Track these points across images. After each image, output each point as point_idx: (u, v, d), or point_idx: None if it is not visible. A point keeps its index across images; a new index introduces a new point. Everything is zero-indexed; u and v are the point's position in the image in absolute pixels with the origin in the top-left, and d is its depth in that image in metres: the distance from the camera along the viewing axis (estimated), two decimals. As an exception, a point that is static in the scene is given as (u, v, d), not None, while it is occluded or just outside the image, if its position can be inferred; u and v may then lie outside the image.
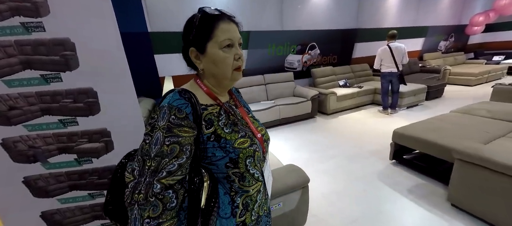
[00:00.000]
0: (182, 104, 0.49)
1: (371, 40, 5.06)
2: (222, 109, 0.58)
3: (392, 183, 2.03)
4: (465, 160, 1.55)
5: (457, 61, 6.53)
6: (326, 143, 2.92)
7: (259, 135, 0.62)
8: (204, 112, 0.54)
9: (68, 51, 0.72)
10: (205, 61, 0.56)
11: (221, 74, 0.56)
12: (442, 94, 4.65)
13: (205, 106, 0.55)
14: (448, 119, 2.37)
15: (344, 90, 4.11)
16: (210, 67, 0.56)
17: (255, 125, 0.65)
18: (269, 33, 3.74)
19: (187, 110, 0.49)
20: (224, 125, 0.55)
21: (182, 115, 0.49)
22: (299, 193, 1.36)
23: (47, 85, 0.74)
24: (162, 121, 0.48)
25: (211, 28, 0.52)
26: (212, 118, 0.54)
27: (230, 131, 0.55)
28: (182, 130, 0.48)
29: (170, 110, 0.48)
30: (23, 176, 0.80)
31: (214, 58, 0.54)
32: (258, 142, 0.60)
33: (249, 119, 0.64)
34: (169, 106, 0.49)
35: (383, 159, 2.41)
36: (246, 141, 0.56)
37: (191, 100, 0.51)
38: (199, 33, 0.53)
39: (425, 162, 2.19)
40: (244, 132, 0.57)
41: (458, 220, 1.56)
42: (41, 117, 0.76)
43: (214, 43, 0.53)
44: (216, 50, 0.53)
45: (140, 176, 0.46)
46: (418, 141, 2.04)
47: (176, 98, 0.50)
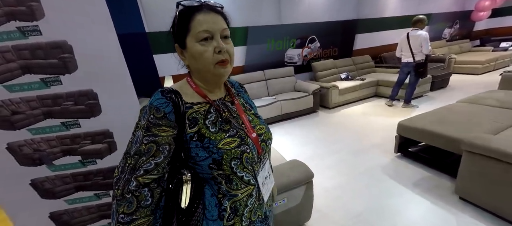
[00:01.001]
0: (161, 104, 0.49)
1: (373, 31, 4.96)
2: (212, 107, 0.55)
3: (397, 176, 2.01)
4: (473, 151, 1.51)
5: (463, 49, 6.37)
6: (329, 137, 2.91)
7: (254, 134, 0.58)
8: (188, 111, 0.52)
9: (66, 54, 0.71)
10: (188, 57, 0.54)
11: (202, 70, 0.53)
12: (447, 84, 4.56)
13: (191, 104, 0.53)
14: (455, 109, 2.32)
15: (346, 83, 4.06)
16: (192, 62, 0.54)
17: (254, 123, 0.61)
18: (267, 28, 3.70)
19: (166, 109, 0.48)
20: (212, 123, 0.53)
21: (160, 114, 0.48)
22: (303, 188, 1.36)
23: (48, 89, 0.74)
24: (142, 120, 0.49)
25: (188, 21, 0.50)
26: (198, 116, 0.52)
27: (216, 130, 0.53)
28: (161, 129, 0.48)
29: (150, 110, 0.48)
30: (30, 179, 0.82)
31: (193, 52, 0.51)
32: (252, 142, 0.56)
33: (245, 116, 0.60)
34: (150, 106, 0.49)
35: (387, 152, 2.39)
36: (234, 141, 0.53)
37: (172, 99, 0.50)
38: (179, 28, 0.52)
39: (431, 154, 2.16)
40: (235, 131, 0.54)
41: (466, 213, 1.54)
42: (44, 121, 0.77)
43: (191, 37, 0.51)
44: (193, 44, 0.51)
45: (121, 173, 0.47)
46: (424, 133, 2.00)
47: (157, 98, 0.50)
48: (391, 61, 5.11)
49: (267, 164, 0.64)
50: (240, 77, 3.67)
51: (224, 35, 0.53)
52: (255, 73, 3.79)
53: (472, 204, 1.59)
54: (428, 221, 1.52)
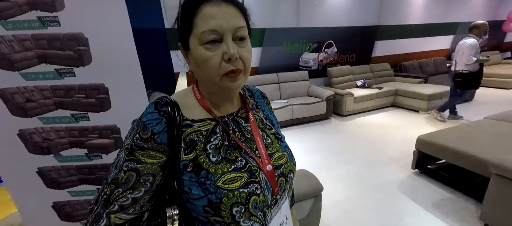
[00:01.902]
0: (151, 120, 0.38)
1: (394, 38, 4.75)
2: (219, 126, 0.43)
3: (414, 194, 1.87)
4: (504, 175, 1.36)
5: (491, 61, 5.93)
6: (341, 146, 2.79)
7: (269, 167, 0.43)
8: (186, 130, 0.40)
9: (82, 46, 0.71)
10: (192, 61, 0.42)
11: (206, 81, 0.42)
12: (473, 98, 4.25)
13: (190, 122, 0.41)
14: (482, 126, 2.13)
15: (362, 91, 3.91)
16: (195, 69, 0.42)
17: (273, 148, 0.47)
18: (284, 30, 3.64)
19: (155, 128, 0.37)
20: (214, 149, 0.41)
21: (147, 134, 0.37)
22: (311, 201, 1.29)
23: (61, 80, 0.74)
24: (128, 138, 0.38)
25: (192, 15, 0.38)
26: (197, 138, 0.40)
27: (219, 159, 0.40)
28: (145, 154, 0.37)
29: (137, 127, 0.38)
30: (37, 167, 0.82)
31: (195, 57, 0.39)
32: (265, 178, 0.42)
33: (261, 139, 0.46)
34: (138, 122, 0.39)
35: (404, 167, 2.24)
36: (241, 177, 0.39)
37: (167, 114, 0.38)
38: (182, 24, 0.41)
39: (453, 173, 2.00)
40: (244, 161, 0.41)
41: (492, 241, 1.40)
42: (55, 111, 0.77)
43: (194, 37, 0.38)
44: (196, 47, 0.38)
45: (95, 202, 0.37)
46: (447, 150, 1.85)
47: (148, 112, 0.39)
48: (411, 70, 4.86)
49: (285, 205, 0.48)
50: (253, 78, 3.64)
51: (239, 36, 0.39)
52: (268, 75, 3.75)
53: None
54: None
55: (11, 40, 0.68)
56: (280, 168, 0.45)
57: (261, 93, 0.59)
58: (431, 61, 5.18)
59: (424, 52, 5.26)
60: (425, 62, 5.08)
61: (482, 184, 1.60)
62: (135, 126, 0.39)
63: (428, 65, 5.08)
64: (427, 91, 3.66)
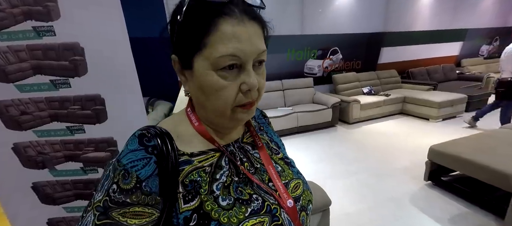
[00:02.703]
0: (135, 161, 0.28)
1: (400, 45, 4.67)
2: (225, 158, 0.35)
3: (428, 208, 1.76)
4: (528, 189, 1.26)
5: (504, 68, 5.75)
6: (349, 155, 2.69)
7: (290, 202, 0.35)
8: (184, 168, 0.31)
9: (78, 56, 0.68)
10: (192, 82, 0.33)
11: (212, 110, 0.33)
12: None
13: (189, 157, 0.32)
14: (500, 136, 2.02)
15: (369, 98, 3.81)
16: (197, 95, 0.33)
17: (286, 177, 0.39)
18: (288, 37, 3.63)
19: (142, 173, 0.28)
20: (223, 188, 0.32)
21: (129, 183, 0.27)
22: (319, 216, 1.21)
23: (56, 91, 0.71)
24: (99, 192, 0.28)
25: (204, 31, 0.28)
26: (199, 179, 0.31)
27: (231, 202, 0.31)
28: (128, 213, 0.26)
29: (114, 173, 0.28)
30: (32, 182, 0.79)
31: (202, 82, 0.31)
32: (288, 218, 0.34)
33: (273, 169, 0.38)
34: (115, 165, 0.28)
35: (416, 178, 2.13)
36: (261, 223, 0.31)
37: (156, 151, 0.29)
38: (183, 36, 0.30)
39: (469, 186, 1.87)
40: (261, 200, 0.33)
41: (518, 263, 1.28)
42: (50, 123, 0.74)
43: (205, 59, 0.29)
44: (206, 71, 0.30)
45: None
46: (462, 161, 1.74)
47: (130, 150, 0.29)
48: (419, 77, 4.75)
49: None
50: (256, 86, 3.61)
51: (259, 60, 0.32)
52: (272, 82, 3.71)
53: None
54: None
55: (6, 52, 0.66)
56: (299, 200, 0.37)
57: (261, 112, 0.50)
58: (440, 68, 5.06)
59: (432, 59, 5.15)
60: (434, 69, 4.97)
61: (502, 198, 1.50)
62: (110, 172, 0.28)
63: (436, 72, 4.96)
64: (437, 98, 3.54)
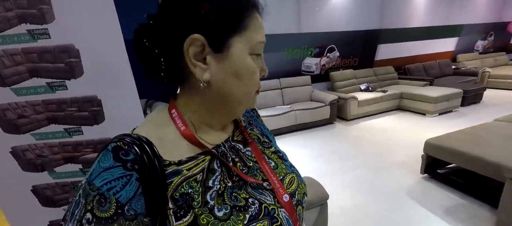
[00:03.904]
0: (111, 182, 0.24)
1: (397, 41, 4.70)
2: (216, 161, 0.32)
3: (425, 200, 1.79)
4: (520, 180, 1.29)
5: (498, 62, 5.82)
6: (346, 151, 2.71)
7: (286, 197, 0.34)
8: (173, 180, 0.28)
9: (73, 58, 0.69)
10: (219, 69, 0.30)
11: (238, 97, 0.32)
12: (481, 100, 4.14)
13: (177, 166, 0.29)
14: (493, 128, 2.05)
15: (366, 94, 3.84)
16: (224, 81, 0.31)
17: (280, 172, 0.38)
18: (285, 36, 3.64)
19: (121, 195, 0.24)
20: (217, 196, 0.29)
21: (107, 210, 0.23)
22: (317, 210, 1.23)
23: (53, 94, 0.72)
24: (70, 223, 0.23)
25: (243, 15, 0.29)
26: (191, 190, 0.28)
27: (228, 211, 0.29)
28: None
29: (86, 199, 0.23)
30: (32, 185, 0.79)
31: (239, 65, 0.30)
32: (285, 213, 0.33)
33: (267, 165, 0.37)
34: (86, 189, 0.24)
35: (413, 172, 2.16)
36: (262, 224, 0.30)
37: (138, 166, 0.26)
38: (220, 16, 0.28)
39: (464, 178, 1.91)
40: (258, 204, 0.31)
41: (512, 252, 1.31)
42: (47, 126, 0.74)
43: (245, 42, 0.30)
44: (245, 54, 0.30)
45: None
46: (457, 154, 1.78)
47: (104, 167, 0.25)
48: (416, 73, 4.79)
49: None
50: (254, 84, 3.62)
51: None
52: (270, 81, 3.72)
53: None
54: None
55: (1, 56, 0.66)
56: (294, 195, 0.36)
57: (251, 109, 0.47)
58: (436, 63, 5.10)
59: (428, 55, 5.20)
60: (430, 64, 5.01)
61: (496, 188, 1.53)
62: (81, 197, 0.23)
63: (433, 68, 5.01)
64: (433, 94, 3.58)
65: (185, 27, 0.28)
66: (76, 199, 0.24)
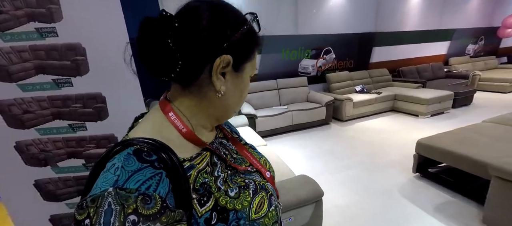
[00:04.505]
0: (147, 182, 0.26)
1: (391, 44, 4.82)
2: (214, 155, 0.37)
3: (415, 199, 1.85)
4: (504, 178, 1.36)
5: (488, 65, 6.01)
6: (341, 151, 2.77)
7: (268, 174, 0.43)
8: (191, 174, 0.32)
9: (79, 56, 0.71)
10: (232, 84, 0.36)
11: (235, 108, 0.40)
12: (471, 102, 4.27)
13: (190, 161, 0.33)
14: (481, 129, 2.14)
15: (361, 96, 3.92)
16: (233, 95, 0.37)
17: (257, 157, 0.46)
18: (283, 38, 3.69)
19: (161, 192, 0.26)
20: (224, 183, 0.35)
21: (154, 206, 0.25)
22: (312, 207, 1.27)
23: (59, 90, 0.74)
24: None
25: (254, 47, 0.37)
26: (207, 180, 0.33)
27: (237, 191, 0.35)
28: None
29: (125, 203, 0.24)
30: (34, 179, 0.81)
31: (245, 84, 0.39)
32: (270, 185, 0.41)
33: (249, 154, 0.45)
34: (121, 193, 0.24)
35: (405, 171, 2.23)
36: (263, 197, 0.36)
37: (163, 165, 0.28)
38: (244, 45, 0.35)
39: (454, 176, 1.98)
40: (252, 182, 0.38)
41: (497, 246, 1.38)
42: (52, 121, 0.76)
43: (251, 67, 0.38)
44: (248, 77, 0.39)
45: None
46: (447, 153, 1.85)
47: (133, 170, 0.26)
48: (409, 75, 4.91)
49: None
50: (252, 85, 3.66)
51: None
52: (267, 82, 3.76)
53: None
54: None
55: (9, 52, 0.68)
56: (270, 171, 0.45)
57: None
58: (429, 66, 5.24)
59: (421, 58, 5.33)
60: (423, 67, 5.14)
61: (483, 186, 1.60)
62: (112, 205, 0.23)
63: (426, 71, 5.14)
64: (426, 95, 3.68)
65: (219, 46, 0.32)
66: (106, 209, 0.23)
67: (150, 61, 0.33)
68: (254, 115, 3.09)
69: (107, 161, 0.29)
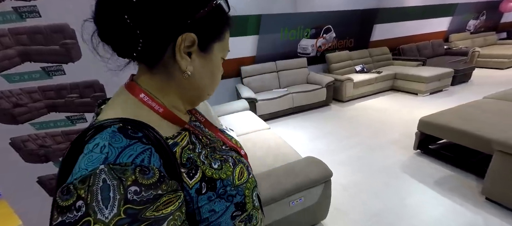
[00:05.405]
0: (140, 156, 0.26)
1: (393, 21, 4.66)
2: (193, 135, 0.38)
3: (417, 174, 1.90)
4: (507, 152, 1.39)
5: (487, 41, 5.93)
6: (343, 132, 2.79)
7: (243, 152, 0.47)
8: (176, 150, 0.33)
9: (68, 39, 0.63)
10: (199, 65, 0.35)
11: (207, 90, 0.39)
12: (469, 79, 4.27)
13: (173, 139, 0.34)
14: (482, 105, 2.14)
15: (361, 76, 3.87)
16: (202, 76, 0.36)
17: (229, 138, 0.48)
18: (281, 16, 3.51)
19: (155, 164, 0.27)
20: (206, 158, 0.36)
21: (153, 176, 0.26)
22: (321, 187, 1.28)
23: (50, 79, 0.66)
24: (105, 209, 0.22)
25: (223, 27, 0.36)
26: (192, 155, 0.34)
27: (219, 163, 0.37)
28: (160, 206, 0.25)
29: (122, 176, 0.24)
30: (37, 176, 0.76)
31: (215, 66, 0.37)
32: (246, 160, 0.45)
33: (222, 135, 0.47)
34: (116, 167, 0.24)
35: (406, 149, 2.26)
36: (241, 168, 0.39)
37: (150, 141, 0.29)
38: (210, 23, 0.33)
39: (453, 152, 2.03)
40: (229, 157, 0.40)
41: (493, 215, 1.45)
42: (48, 114, 0.70)
43: (221, 48, 0.37)
44: (219, 58, 0.38)
45: None
46: (450, 130, 1.86)
47: (123, 146, 0.26)
48: (410, 53, 4.83)
49: None
50: (250, 68, 3.55)
51: None
52: (266, 64, 3.65)
53: (501, 205, 1.49)
54: (452, 221, 1.43)
55: (-13, 37, 0.59)
56: (242, 149, 0.49)
57: None
58: (429, 44, 5.14)
59: (422, 35, 5.21)
60: (423, 45, 5.05)
61: (482, 160, 1.64)
62: (108, 181, 0.23)
63: (426, 48, 5.05)
64: (425, 73, 3.65)
65: (182, 23, 0.31)
66: (101, 185, 0.23)
67: (110, 40, 0.31)
68: (255, 99, 3.03)
69: (82, 146, 0.27)
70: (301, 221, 1.32)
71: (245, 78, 3.50)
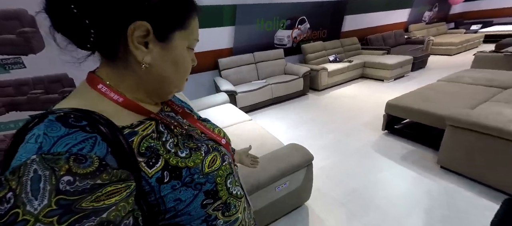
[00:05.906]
0: (78, 145, 0.25)
1: (361, 12, 4.95)
2: (161, 124, 0.36)
3: (385, 152, 2.12)
4: (456, 125, 1.62)
5: (439, 31, 6.68)
6: (320, 119, 2.94)
7: (224, 141, 0.46)
8: (133, 140, 0.31)
9: (27, 28, 0.56)
10: (159, 56, 0.33)
11: (173, 82, 0.37)
12: (425, 65, 4.80)
13: (130, 128, 0.32)
14: (437, 88, 2.45)
15: (335, 65, 4.08)
16: (164, 67, 0.35)
17: (210, 128, 0.47)
18: (257, 6, 3.49)
19: (98, 152, 0.25)
20: (174, 146, 0.35)
21: (91, 165, 0.24)
22: (304, 171, 1.36)
23: (7, 73, 0.59)
24: (35, 201, 0.21)
25: (185, 14, 0.34)
26: (153, 144, 0.33)
27: (188, 152, 0.35)
28: (102, 196, 0.24)
29: (54, 166, 0.22)
30: None
31: (178, 57, 0.35)
32: (225, 149, 0.44)
33: (201, 125, 0.46)
34: (45, 159, 0.22)
35: (375, 130, 2.49)
36: (215, 156, 0.39)
37: (97, 130, 0.27)
38: (167, 10, 0.32)
39: (414, 130, 2.30)
40: (204, 145, 0.39)
41: (447, 180, 1.69)
42: (6, 114, 0.62)
43: (184, 37, 0.35)
44: (183, 47, 0.36)
45: None
46: (412, 111, 2.10)
47: (60, 135, 0.24)
48: (376, 43, 5.21)
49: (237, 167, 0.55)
50: (228, 60, 3.49)
51: None
52: (244, 56, 3.63)
53: (453, 172, 1.75)
54: (415, 189, 1.65)
55: None
56: (225, 138, 0.48)
57: None
58: (392, 34, 5.61)
59: (386, 26, 5.65)
60: (387, 35, 5.49)
61: (437, 135, 1.90)
62: (38, 172, 0.22)
63: (390, 38, 5.50)
64: (390, 61, 3.99)
65: (132, 11, 0.29)
66: (32, 176, 0.21)
67: (64, 31, 0.30)
68: (234, 91, 3.02)
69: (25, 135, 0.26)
70: (287, 204, 1.40)
71: (223, 70, 3.45)
